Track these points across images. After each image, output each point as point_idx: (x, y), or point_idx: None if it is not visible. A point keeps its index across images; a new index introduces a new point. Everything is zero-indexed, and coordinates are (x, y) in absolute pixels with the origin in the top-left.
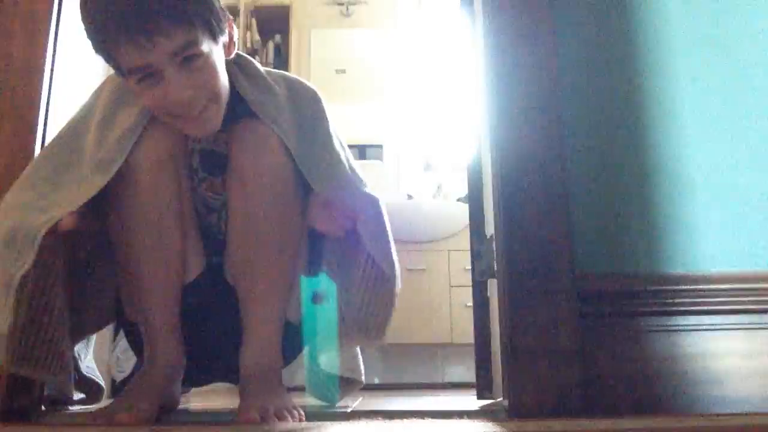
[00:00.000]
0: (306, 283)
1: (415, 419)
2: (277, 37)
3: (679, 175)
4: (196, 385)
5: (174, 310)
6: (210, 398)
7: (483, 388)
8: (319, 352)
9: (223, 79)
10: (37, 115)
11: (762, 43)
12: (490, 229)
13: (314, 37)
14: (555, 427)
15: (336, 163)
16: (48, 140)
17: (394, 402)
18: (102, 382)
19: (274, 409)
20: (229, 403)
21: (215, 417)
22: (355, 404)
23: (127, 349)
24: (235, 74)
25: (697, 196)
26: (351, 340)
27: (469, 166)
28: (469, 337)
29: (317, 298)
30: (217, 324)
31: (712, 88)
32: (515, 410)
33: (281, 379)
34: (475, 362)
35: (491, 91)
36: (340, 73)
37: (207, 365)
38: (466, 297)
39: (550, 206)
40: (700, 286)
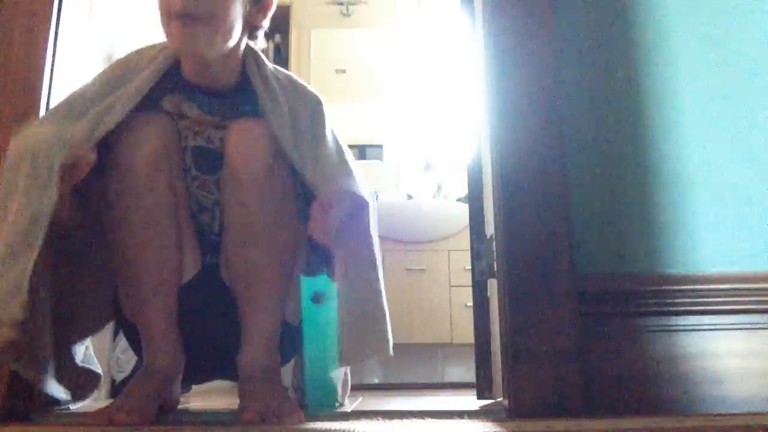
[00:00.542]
0: (306, 283)
1: (414, 419)
2: (277, 37)
3: (679, 175)
4: (196, 382)
5: (171, 309)
6: (210, 398)
7: (483, 388)
8: (318, 355)
9: (233, 19)
10: (38, 115)
11: (762, 43)
12: (490, 229)
13: (314, 37)
14: (555, 427)
15: (332, 164)
16: None
17: (394, 402)
18: (99, 370)
19: (274, 409)
20: (229, 403)
21: (215, 417)
22: (355, 404)
23: (127, 349)
24: (251, 66)
25: (697, 196)
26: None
27: (469, 166)
28: (469, 337)
29: (317, 298)
30: (214, 322)
31: (712, 87)
32: (515, 410)
33: (281, 378)
34: (475, 362)
35: (491, 91)
36: (340, 73)
37: (206, 363)
38: (466, 297)
39: (550, 206)
40: (700, 286)
